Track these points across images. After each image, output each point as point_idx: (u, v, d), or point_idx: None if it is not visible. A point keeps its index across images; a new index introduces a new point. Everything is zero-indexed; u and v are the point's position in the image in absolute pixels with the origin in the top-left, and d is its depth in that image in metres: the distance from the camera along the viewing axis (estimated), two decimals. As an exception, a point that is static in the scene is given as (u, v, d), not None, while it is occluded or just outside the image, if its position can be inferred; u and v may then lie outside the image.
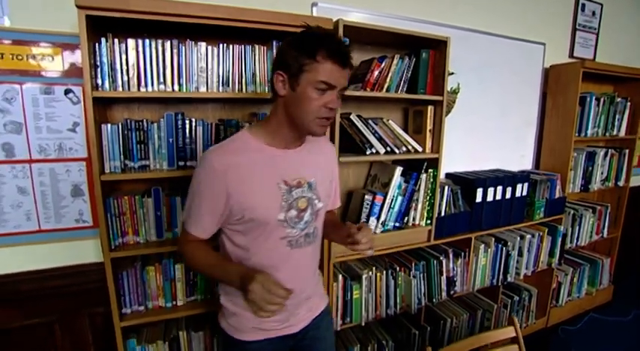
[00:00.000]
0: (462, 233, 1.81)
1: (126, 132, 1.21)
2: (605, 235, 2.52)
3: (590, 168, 2.27)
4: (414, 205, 1.61)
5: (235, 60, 1.28)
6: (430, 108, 1.60)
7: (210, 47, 1.24)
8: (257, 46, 1.30)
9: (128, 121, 1.21)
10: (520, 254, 2.03)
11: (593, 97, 2.18)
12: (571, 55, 2.42)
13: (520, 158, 2.33)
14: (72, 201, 1.33)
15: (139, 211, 1.26)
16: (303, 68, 0.81)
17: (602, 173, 2.37)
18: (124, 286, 1.27)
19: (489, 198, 1.85)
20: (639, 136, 2.52)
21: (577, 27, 2.39)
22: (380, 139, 1.48)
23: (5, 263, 1.29)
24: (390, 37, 1.49)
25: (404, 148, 1.55)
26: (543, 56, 2.27)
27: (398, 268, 1.65)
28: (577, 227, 2.33)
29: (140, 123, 1.22)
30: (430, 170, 1.62)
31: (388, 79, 1.49)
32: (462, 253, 1.82)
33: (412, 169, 1.60)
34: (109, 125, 1.17)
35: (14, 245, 1.29)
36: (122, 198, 1.23)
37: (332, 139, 1.35)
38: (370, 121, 1.50)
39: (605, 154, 2.34)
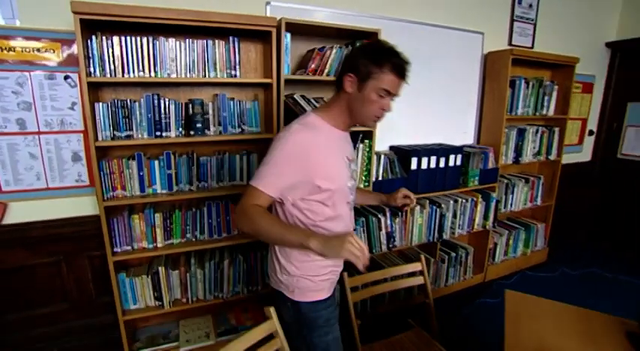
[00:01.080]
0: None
1: (114, 109, 1.59)
2: (538, 203, 2.95)
3: (521, 143, 2.68)
4: (353, 170, 2.01)
5: (199, 52, 1.66)
6: (366, 90, 1.98)
7: (178, 42, 1.61)
8: (217, 41, 1.68)
9: (115, 100, 1.59)
10: (455, 216, 2.45)
11: (522, 81, 2.58)
12: (510, 43, 2.79)
13: (463, 134, 2.74)
14: (72, 165, 1.72)
15: (126, 171, 1.65)
16: (371, 75, 1.02)
17: (534, 148, 2.78)
18: (115, 230, 1.67)
19: (424, 166, 2.25)
20: (569, 117, 2.93)
21: (515, 18, 2.76)
22: (321, 115, 1.87)
23: (21, 214, 1.69)
24: (331, 30, 1.87)
25: (343, 123, 1.94)
26: (482, 44, 2.65)
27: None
28: (511, 195, 2.76)
29: (125, 102, 1.61)
30: (366, 141, 2.02)
31: (328, 65, 1.87)
32: (400, 213, 2.24)
33: (353, 139, 2.00)
34: (100, 104, 1.56)
35: (28, 199, 1.68)
36: (112, 161, 1.62)
37: (276, 117, 1.75)
38: (312, 100, 1.89)
39: (536, 132, 2.75)
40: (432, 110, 2.55)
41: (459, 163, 2.39)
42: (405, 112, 2.40)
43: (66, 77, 1.64)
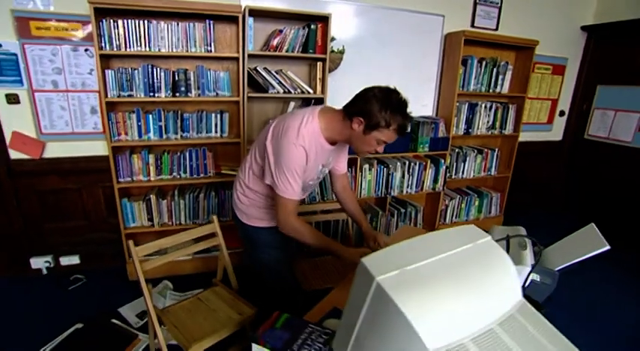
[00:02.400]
0: (349, 154, 2.75)
1: (119, 75, 2.22)
2: (493, 173, 3.38)
3: (472, 116, 3.11)
4: (307, 130, 2.57)
5: (182, 32, 2.25)
6: (319, 63, 2.51)
7: (166, 24, 2.21)
8: (196, 23, 2.26)
9: (120, 68, 2.22)
10: (403, 176, 2.96)
11: (475, 60, 2.99)
12: (472, 25, 3.18)
13: (422, 107, 3.20)
14: (90, 116, 2.39)
15: (128, 121, 2.30)
16: (377, 128, 1.31)
17: (488, 122, 3.20)
18: (119, 166, 2.34)
19: (373, 131, 2.76)
20: (529, 96, 3.29)
21: (477, 1, 3.14)
22: (279, 83, 2.43)
23: (56, 151, 2.39)
24: (289, 14, 2.40)
25: (298, 90, 2.49)
26: (442, 26, 3.06)
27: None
28: (462, 163, 3.21)
29: (127, 70, 2.23)
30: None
31: (287, 44, 2.41)
32: (350, 169, 2.78)
33: (309, 104, 2.55)
34: (109, 70, 2.19)
35: (61, 141, 2.38)
36: (118, 113, 2.27)
37: (242, 84, 2.33)
38: (273, 71, 2.44)
39: (490, 107, 3.16)
40: (389, 83, 3.01)
41: (408, 130, 2.87)
42: (364, 83, 2.88)
43: (86, 50, 2.28)
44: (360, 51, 2.82)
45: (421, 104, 3.19)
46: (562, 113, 3.85)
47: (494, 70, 3.08)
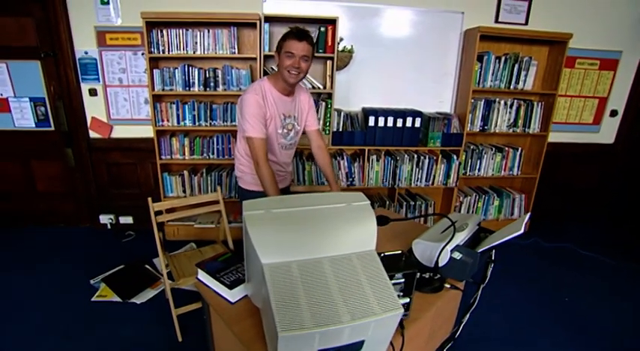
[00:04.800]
0: (358, 145, 3.06)
1: (163, 73, 2.86)
2: (515, 173, 3.35)
3: (488, 113, 3.15)
4: (316, 122, 2.93)
5: (211, 38, 2.80)
6: (329, 62, 2.87)
7: (199, 32, 2.78)
8: (223, 30, 2.79)
9: (164, 68, 2.86)
10: (412, 169, 3.15)
11: (492, 56, 3.04)
12: (496, 21, 3.20)
13: (439, 103, 3.33)
14: (144, 106, 3.10)
15: (169, 110, 2.94)
16: (281, 47, 1.75)
17: (508, 120, 3.20)
18: (162, 146, 2.99)
19: (380, 124, 3.02)
20: (559, 93, 3.20)
21: (502, -4, 3.16)
22: (290, 81, 2.84)
23: (119, 132, 3.15)
24: (303, 19, 2.79)
25: (309, 85, 2.88)
26: (462, 22, 3.16)
27: (306, 159, 3.03)
28: (478, 160, 3.26)
29: (170, 69, 2.86)
30: (328, 100, 2.91)
31: (299, 45, 2.81)
32: (358, 158, 3.08)
33: (319, 98, 2.92)
34: (156, 70, 2.84)
35: (123, 125, 3.13)
36: (162, 104, 2.92)
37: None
38: (285, 70, 2.86)
39: (511, 105, 3.16)
40: (404, 79, 3.22)
41: (417, 125, 3.06)
42: (380, 80, 3.17)
43: (142, 53, 2.97)
44: (374, 49, 3.10)
45: (438, 101, 3.32)
46: (614, 113, 3.59)
47: (516, 65, 3.09)
